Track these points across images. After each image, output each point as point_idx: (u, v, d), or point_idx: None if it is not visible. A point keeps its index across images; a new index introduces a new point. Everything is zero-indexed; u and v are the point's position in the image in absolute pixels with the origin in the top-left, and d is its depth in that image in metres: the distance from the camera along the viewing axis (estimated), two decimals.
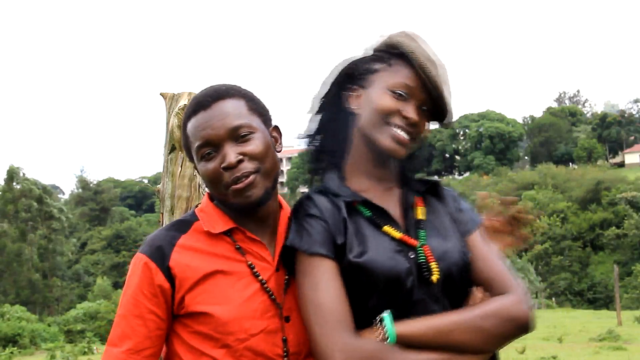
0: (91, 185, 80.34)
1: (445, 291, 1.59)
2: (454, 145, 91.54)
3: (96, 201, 77.55)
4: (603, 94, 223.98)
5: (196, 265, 1.57)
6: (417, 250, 1.58)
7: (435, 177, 1.83)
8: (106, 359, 1.56)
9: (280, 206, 1.72)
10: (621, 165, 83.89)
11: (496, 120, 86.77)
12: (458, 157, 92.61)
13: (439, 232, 1.64)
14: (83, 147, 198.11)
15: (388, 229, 1.59)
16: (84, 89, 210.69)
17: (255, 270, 1.59)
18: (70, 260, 59.68)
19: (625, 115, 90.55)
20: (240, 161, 1.57)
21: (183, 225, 1.64)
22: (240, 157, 1.57)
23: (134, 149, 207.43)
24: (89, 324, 32.57)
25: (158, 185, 3.11)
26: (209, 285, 1.56)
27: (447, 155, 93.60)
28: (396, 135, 1.63)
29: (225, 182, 1.57)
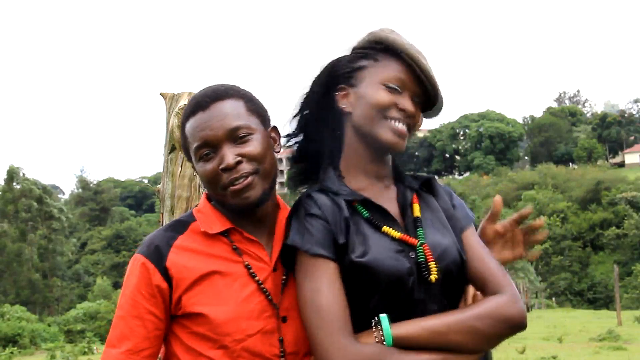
0: (91, 185, 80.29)
1: (444, 290, 1.59)
2: (454, 145, 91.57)
3: (96, 201, 77.50)
4: (603, 94, 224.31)
5: (193, 265, 1.57)
6: (417, 249, 1.58)
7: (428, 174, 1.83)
8: None
9: (278, 206, 1.71)
10: (621, 165, 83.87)
11: (496, 120, 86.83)
12: (458, 157, 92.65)
13: (436, 230, 1.64)
14: (83, 147, 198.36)
15: (387, 229, 1.59)
16: (84, 89, 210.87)
17: (252, 271, 1.58)
18: (70, 260, 59.64)
19: (625, 115, 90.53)
20: (239, 162, 1.57)
21: (180, 226, 1.64)
22: (239, 159, 1.57)
23: (134, 149, 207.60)
24: (89, 324, 32.53)
25: (158, 185, 3.11)
26: (206, 286, 1.56)
27: (447, 155, 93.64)
28: (396, 128, 1.63)
29: (223, 183, 1.57)
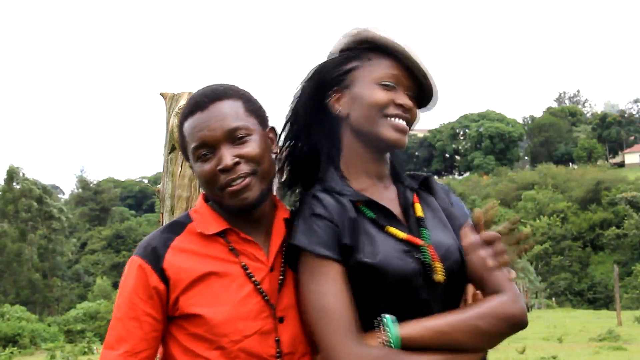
0: (91, 185, 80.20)
1: (448, 290, 1.59)
2: (454, 145, 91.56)
3: (96, 201, 77.43)
4: (603, 94, 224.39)
5: (189, 267, 1.56)
6: (422, 250, 1.58)
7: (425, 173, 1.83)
8: None
9: (275, 206, 1.71)
10: (621, 165, 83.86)
11: (496, 120, 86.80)
12: (458, 157, 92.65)
13: (439, 230, 1.65)
14: (83, 147, 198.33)
15: (392, 230, 1.59)
16: (84, 89, 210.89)
17: (248, 272, 1.58)
18: (70, 260, 59.61)
19: (625, 115, 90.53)
20: (237, 163, 1.57)
21: (177, 227, 1.63)
22: (237, 159, 1.57)
23: (134, 149, 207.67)
24: (89, 324, 32.51)
25: (158, 185, 3.10)
26: (203, 287, 1.56)
27: (447, 155, 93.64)
28: (396, 125, 1.63)
29: (221, 184, 1.57)
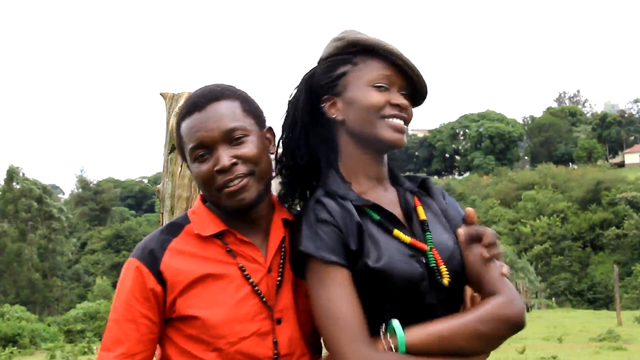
0: (91, 185, 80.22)
1: (452, 293, 1.59)
2: (454, 145, 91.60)
3: (96, 201, 77.44)
4: (603, 94, 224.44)
5: (187, 268, 1.56)
6: (427, 254, 1.58)
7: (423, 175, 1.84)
8: None
9: (273, 207, 1.70)
10: (621, 165, 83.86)
11: (496, 120, 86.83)
12: (458, 157, 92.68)
13: (441, 233, 1.64)
14: (83, 147, 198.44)
15: (398, 233, 1.58)
16: (84, 89, 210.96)
17: (246, 273, 1.58)
18: (70, 260, 59.64)
19: (625, 115, 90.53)
20: (234, 164, 1.56)
21: (175, 229, 1.63)
22: (234, 160, 1.56)
23: (134, 149, 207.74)
24: (89, 324, 32.50)
25: (158, 185, 3.10)
26: (200, 289, 1.55)
27: (447, 155, 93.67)
28: (394, 125, 1.63)
29: (218, 185, 1.56)
